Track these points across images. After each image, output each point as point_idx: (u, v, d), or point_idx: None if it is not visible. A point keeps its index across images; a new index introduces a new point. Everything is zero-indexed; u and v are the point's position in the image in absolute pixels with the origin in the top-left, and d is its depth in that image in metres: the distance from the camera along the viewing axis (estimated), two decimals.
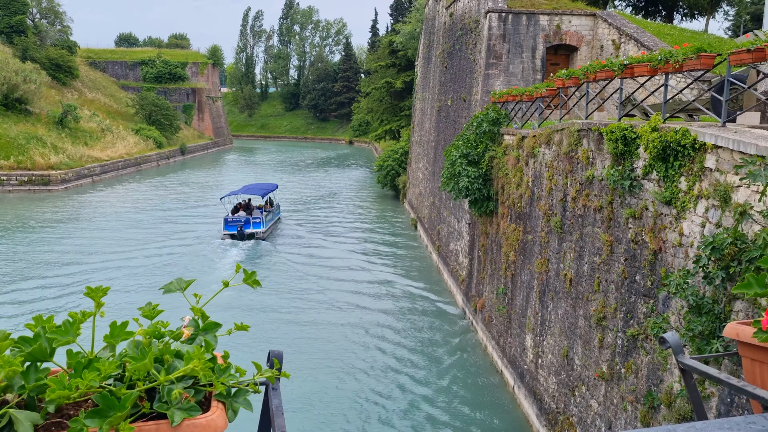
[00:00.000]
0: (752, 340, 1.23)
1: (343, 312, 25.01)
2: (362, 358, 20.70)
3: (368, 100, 76.27)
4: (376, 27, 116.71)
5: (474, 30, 28.20)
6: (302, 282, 28.95)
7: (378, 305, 25.91)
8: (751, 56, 9.57)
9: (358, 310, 25.16)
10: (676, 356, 1.31)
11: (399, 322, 23.97)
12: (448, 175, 20.99)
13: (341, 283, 28.88)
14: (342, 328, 23.15)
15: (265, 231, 36.78)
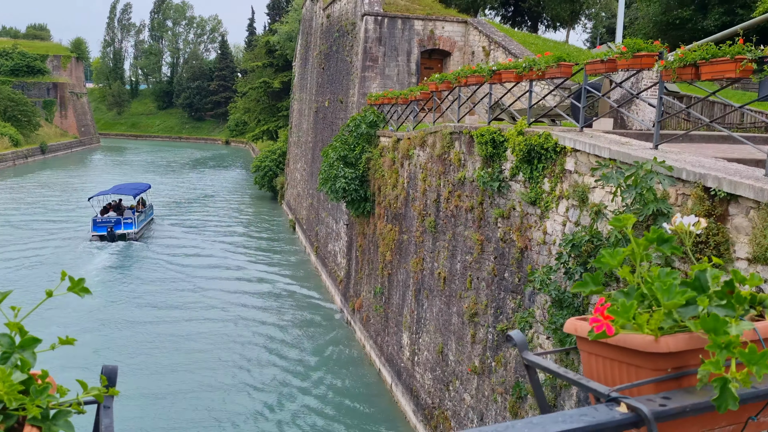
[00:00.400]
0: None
1: (218, 313, 24.34)
2: (237, 361, 20.24)
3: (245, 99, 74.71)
4: (253, 26, 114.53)
5: (351, 32, 28.38)
6: (177, 283, 28.05)
7: (254, 307, 25.44)
8: (605, 66, 10.27)
9: (233, 312, 24.56)
10: (521, 353, 1.33)
11: (275, 325, 23.65)
12: (325, 176, 20.98)
13: (217, 284, 28.10)
14: (216, 331, 22.53)
15: (138, 232, 35.72)
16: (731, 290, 1.11)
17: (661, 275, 1.18)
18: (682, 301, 1.09)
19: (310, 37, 40.86)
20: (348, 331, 23.38)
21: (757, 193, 6.57)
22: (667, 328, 1.15)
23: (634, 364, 1.18)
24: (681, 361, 1.16)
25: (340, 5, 31.46)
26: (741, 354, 0.98)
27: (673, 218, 1.40)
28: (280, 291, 27.90)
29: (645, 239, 1.28)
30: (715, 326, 1.02)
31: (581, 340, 1.28)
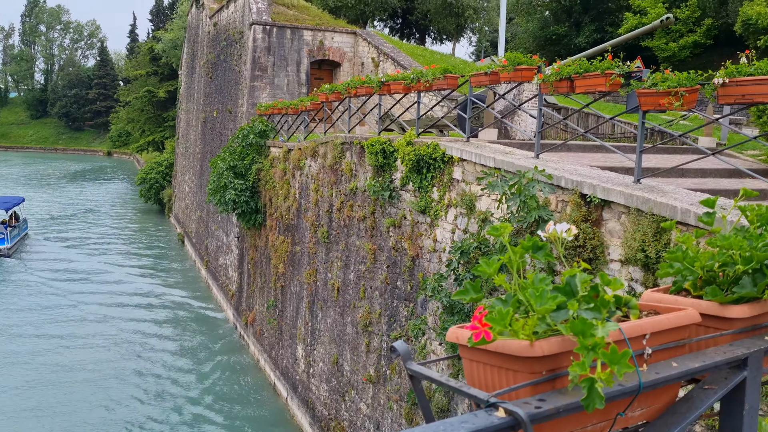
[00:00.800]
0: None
1: (100, 335, 23.07)
2: (123, 384, 19.26)
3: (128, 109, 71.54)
4: (135, 32, 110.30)
5: (239, 41, 27.91)
6: (55, 302, 26.43)
7: (140, 326, 24.32)
8: (488, 79, 10.67)
9: (117, 333, 23.34)
10: (405, 363, 1.34)
11: (163, 344, 22.72)
12: (214, 187, 20.45)
13: (99, 303, 26.63)
14: (100, 356, 21.35)
15: (10, 247, 34.02)
16: (597, 294, 1.17)
17: (535, 281, 1.22)
18: (553, 306, 1.14)
19: (197, 45, 39.82)
20: (241, 346, 22.85)
21: (627, 198, 7.02)
22: (541, 332, 1.20)
23: (512, 368, 1.21)
24: (555, 364, 1.21)
25: (227, 13, 30.89)
26: (604, 355, 1.03)
27: (547, 226, 1.47)
28: (168, 308, 26.85)
29: (521, 247, 1.33)
30: (583, 329, 1.07)
31: (463, 347, 1.31)
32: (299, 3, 31.31)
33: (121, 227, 44.89)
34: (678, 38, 34.30)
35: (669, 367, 1.32)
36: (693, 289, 1.62)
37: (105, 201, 57.02)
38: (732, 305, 1.51)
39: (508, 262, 1.32)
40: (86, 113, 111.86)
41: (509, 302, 1.23)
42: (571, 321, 1.11)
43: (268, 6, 26.54)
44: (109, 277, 30.58)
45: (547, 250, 1.34)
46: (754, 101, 6.27)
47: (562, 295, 1.18)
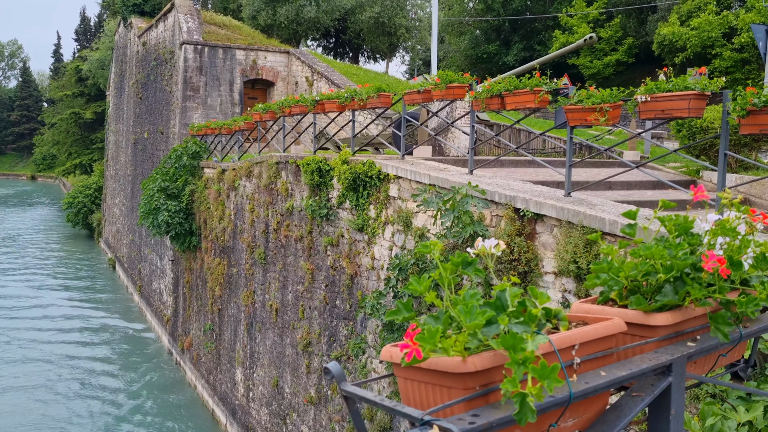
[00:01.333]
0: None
1: (29, 356, 21.99)
2: (50, 415, 18.38)
3: (54, 131, 69.12)
4: (60, 52, 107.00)
5: (169, 61, 27.42)
6: None
7: (69, 355, 23.29)
8: (421, 97, 10.81)
9: (43, 365, 22.30)
10: (339, 384, 1.32)
11: (94, 371, 21.84)
12: (146, 209, 19.91)
13: (26, 327, 25.39)
14: (28, 375, 20.33)
15: None
16: (525, 308, 1.19)
17: (466, 297, 1.23)
18: (482, 321, 1.15)
19: (125, 65, 38.90)
20: (177, 372, 22.20)
21: (559, 212, 7.21)
22: (473, 348, 1.20)
23: (446, 385, 1.21)
24: (488, 378, 1.22)
25: (156, 33, 30.33)
26: (533, 370, 1.05)
27: (476, 242, 1.48)
28: (98, 335, 25.86)
29: (451, 263, 1.34)
30: (513, 343, 1.09)
31: (397, 366, 1.30)
32: (231, 22, 31.08)
33: (47, 254, 43.07)
34: (602, 56, 35.73)
35: (598, 377, 1.35)
36: (619, 298, 1.66)
37: (28, 227, 54.68)
38: (655, 313, 1.56)
39: (439, 278, 1.33)
40: (8, 136, 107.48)
41: (441, 319, 1.23)
42: (501, 336, 1.12)
43: (199, 25, 26.22)
44: (35, 306, 29.24)
45: (476, 265, 1.35)
46: (672, 116, 6.56)
47: (491, 310, 1.19)
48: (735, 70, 27.12)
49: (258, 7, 35.05)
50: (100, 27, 65.46)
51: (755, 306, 1.54)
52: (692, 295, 1.53)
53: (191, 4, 27.26)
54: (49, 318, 27.75)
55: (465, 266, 1.34)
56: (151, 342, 25.37)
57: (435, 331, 1.14)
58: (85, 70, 58.73)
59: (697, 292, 1.52)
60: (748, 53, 26.73)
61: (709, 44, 27.48)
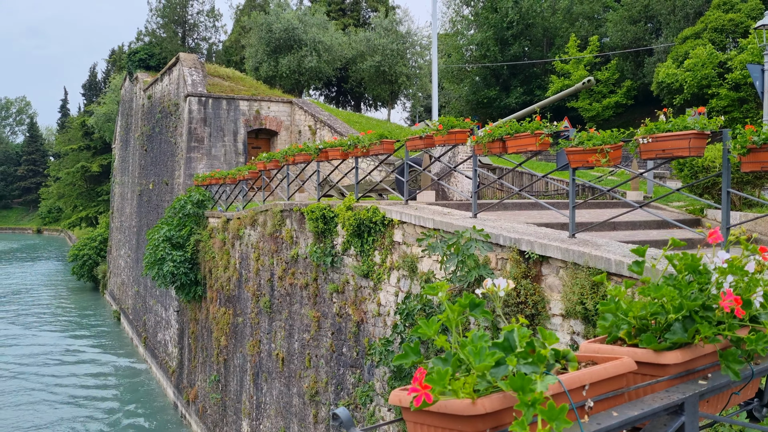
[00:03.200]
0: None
1: (31, 411, 21.70)
2: None
3: (59, 184, 69.85)
4: (67, 107, 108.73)
5: (174, 113, 27.84)
6: None
7: (73, 411, 23.01)
8: (423, 142, 10.91)
9: (52, 417, 22.02)
10: (348, 431, 1.31)
11: (102, 427, 21.53)
12: (151, 260, 19.92)
13: (27, 387, 25.15)
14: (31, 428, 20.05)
15: None
16: (533, 349, 1.18)
17: (474, 339, 1.23)
18: (491, 362, 1.14)
19: (131, 118, 39.49)
20: (183, 425, 21.87)
21: (564, 253, 7.19)
22: (483, 390, 1.19)
23: (456, 428, 1.20)
24: (498, 421, 1.20)
25: (161, 86, 30.87)
26: (542, 412, 1.04)
27: (484, 282, 1.48)
28: (104, 390, 25.57)
29: (458, 305, 1.34)
30: (522, 384, 1.08)
31: (406, 410, 1.29)
32: (234, 74, 31.65)
33: (51, 308, 42.94)
34: (601, 99, 36.14)
35: (610, 417, 1.33)
36: (628, 338, 1.65)
37: (34, 281, 54.66)
38: (666, 352, 1.54)
39: (447, 321, 1.32)
40: (14, 190, 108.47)
41: (449, 361, 1.23)
42: (510, 377, 1.11)
43: (203, 78, 26.69)
44: (38, 362, 29.01)
45: (483, 306, 1.35)
46: (673, 155, 6.61)
47: (500, 351, 1.18)
48: (733, 109, 27.38)
49: (260, 59, 35.72)
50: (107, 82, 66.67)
51: (765, 343, 1.53)
52: (702, 333, 1.52)
53: (195, 58, 27.81)
54: (51, 375, 27.51)
55: (473, 308, 1.34)
56: (155, 395, 25.05)
57: (444, 372, 1.13)
58: (91, 123, 59.64)
59: (707, 330, 1.51)
60: (745, 92, 27.03)
61: (705, 84, 27.81)
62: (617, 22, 36.88)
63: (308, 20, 35.86)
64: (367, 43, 38.04)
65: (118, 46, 65.32)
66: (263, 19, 35.38)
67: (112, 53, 65.47)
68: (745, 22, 28.96)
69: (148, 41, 44.76)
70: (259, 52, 35.70)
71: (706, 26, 29.99)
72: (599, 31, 40.02)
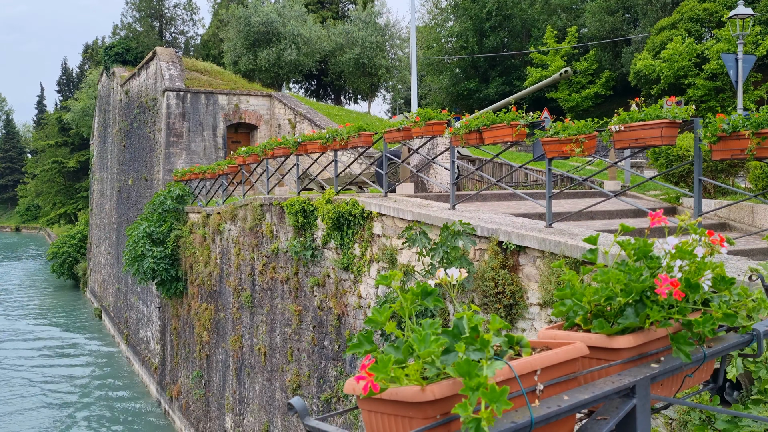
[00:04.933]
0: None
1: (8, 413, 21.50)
2: None
3: (37, 181, 69.04)
4: (43, 103, 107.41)
5: (152, 108, 27.59)
6: None
7: (53, 409, 22.83)
8: (401, 134, 10.92)
9: (29, 414, 21.82)
10: (302, 419, 1.33)
11: (84, 426, 21.39)
12: (131, 256, 19.77)
13: (3, 387, 24.91)
14: None
15: None
16: (477, 334, 1.21)
17: (424, 326, 1.25)
18: (437, 348, 1.16)
19: (108, 114, 39.08)
20: (166, 422, 21.79)
21: (541, 243, 7.26)
22: (432, 376, 1.22)
23: (407, 415, 1.22)
24: (448, 406, 1.23)
25: (138, 81, 30.57)
26: (484, 394, 1.06)
27: (437, 272, 1.51)
28: (85, 387, 25.39)
29: (411, 293, 1.35)
30: (468, 369, 1.10)
31: (359, 399, 1.31)
32: (213, 68, 31.41)
33: (31, 306, 42.48)
34: (580, 89, 36.34)
35: (560, 401, 1.36)
36: (584, 323, 1.68)
37: (13, 279, 54.02)
38: (618, 336, 1.58)
39: (400, 309, 1.34)
40: None
41: (401, 349, 1.25)
42: (456, 362, 1.13)
43: (181, 72, 26.47)
44: (18, 360, 28.74)
45: (435, 295, 1.37)
46: (647, 144, 6.68)
47: (447, 338, 1.20)
48: (709, 99, 27.67)
49: (239, 53, 35.48)
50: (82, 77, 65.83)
51: (712, 325, 1.57)
52: (652, 317, 1.56)
53: (173, 52, 27.56)
54: (31, 371, 27.25)
55: (425, 296, 1.36)
56: (138, 392, 24.92)
57: (387, 360, 1.15)
58: (68, 119, 58.90)
59: (656, 314, 1.55)
60: (721, 81, 27.32)
61: (681, 74, 28.07)
62: (595, 13, 37.08)
63: (287, 13, 35.66)
64: (346, 35, 37.92)
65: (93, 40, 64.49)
66: (241, 12, 35.12)
67: (86, 48, 64.70)
68: (720, 12, 29.25)
69: (125, 35, 44.27)
70: (237, 46, 35.45)
71: (682, 16, 30.25)
72: (578, 21, 40.22)
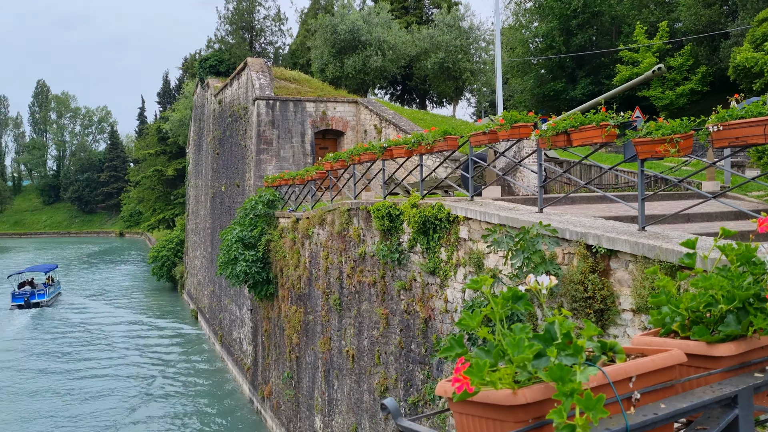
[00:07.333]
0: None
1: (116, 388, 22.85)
2: None
3: (138, 189, 72.83)
4: (144, 114, 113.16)
5: (243, 117, 28.57)
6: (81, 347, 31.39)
7: (153, 406, 23.99)
8: (487, 138, 10.83)
9: (129, 414, 23.04)
10: (395, 420, 1.36)
11: (182, 421, 22.37)
12: (224, 259, 20.54)
13: (107, 386, 26.39)
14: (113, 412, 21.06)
15: (49, 300, 45.72)
16: (570, 340, 1.20)
17: (516, 331, 1.26)
18: (530, 354, 1.17)
19: (203, 123, 40.77)
20: (258, 421, 22.46)
21: (633, 247, 7.02)
22: (524, 380, 1.22)
23: (499, 418, 1.23)
24: (540, 411, 1.23)
25: (231, 91, 31.73)
26: (579, 401, 1.06)
27: (527, 278, 1.51)
28: (183, 385, 26.55)
29: (501, 298, 1.37)
30: (561, 374, 1.10)
31: (451, 401, 1.33)
32: (301, 76, 32.21)
33: (133, 307, 44.91)
34: (674, 86, 34.84)
35: (657, 409, 1.33)
36: (681, 330, 1.64)
37: (118, 281, 57.20)
38: (718, 344, 1.53)
39: (491, 313, 1.36)
40: (98, 196, 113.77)
41: (492, 353, 1.26)
42: (549, 367, 1.13)
43: (270, 81, 27.28)
44: (119, 358, 30.47)
45: (526, 300, 1.37)
46: (747, 143, 6.35)
47: (540, 343, 1.21)
48: None
49: (326, 60, 36.20)
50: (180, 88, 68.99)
51: None
52: (756, 325, 1.50)
53: (263, 62, 28.45)
54: (129, 376, 28.74)
55: (515, 300, 1.36)
56: (232, 391, 25.81)
57: (483, 364, 1.17)
58: (166, 129, 61.91)
59: (761, 321, 1.49)
60: None
61: None
62: (691, 6, 35.47)
63: (372, 20, 36.09)
64: (430, 40, 37.96)
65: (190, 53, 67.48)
66: (328, 20, 35.83)
67: (184, 61, 67.72)
68: None
69: (218, 48, 46.03)
70: (324, 54, 36.18)
71: None
72: (670, 16, 38.60)
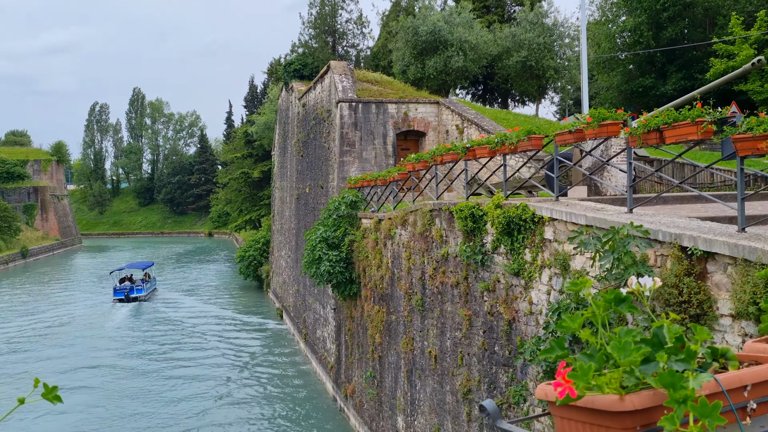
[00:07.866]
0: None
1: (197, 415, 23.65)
2: None
3: (226, 191, 75.40)
4: (231, 119, 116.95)
5: (327, 119, 29.06)
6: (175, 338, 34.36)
7: (244, 399, 24.75)
8: (573, 137, 10.57)
9: (218, 410, 23.85)
10: (495, 422, 1.35)
11: (264, 418, 22.97)
12: (309, 259, 20.95)
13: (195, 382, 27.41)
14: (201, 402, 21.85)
15: (146, 295, 49.10)
16: (683, 344, 1.15)
17: (621, 334, 1.22)
18: (637, 358, 1.13)
19: (288, 126, 41.74)
20: (341, 419, 22.78)
21: (732, 249, 6.67)
22: (630, 386, 1.18)
23: (604, 424, 1.20)
24: (648, 419, 1.19)
25: (314, 94, 32.34)
26: (693, 408, 1.01)
27: (629, 280, 1.45)
28: (269, 381, 27.27)
29: (603, 300, 1.33)
30: (672, 381, 1.06)
31: (552, 404, 1.30)
32: (382, 78, 32.43)
33: (222, 303, 46.61)
34: None
35: None
36: None
37: (207, 279, 59.38)
38: None
39: (592, 316, 1.32)
40: (188, 198, 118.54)
41: (595, 356, 1.22)
42: (659, 373, 1.09)
43: (352, 84, 27.62)
44: (207, 356, 31.63)
45: (629, 302, 1.33)
46: None
47: (648, 347, 1.16)
48: None
49: (408, 62, 36.30)
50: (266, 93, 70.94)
51: None
52: None
53: (345, 65, 28.85)
54: (222, 365, 29.73)
55: (618, 303, 1.32)
56: (316, 388, 26.29)
57: (588, 368, 1.14)
58: (252, 132, 63.79)
59: None
60: None
61: None
62: None
63: (454, 20, 35.91)
64: (512, 38, 37.41)
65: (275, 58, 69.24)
66: (410, 22, 35.93)
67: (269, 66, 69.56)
68: None
69: (302, 52, 47.06)
70: (406, 55, 36.30)
71: None
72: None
